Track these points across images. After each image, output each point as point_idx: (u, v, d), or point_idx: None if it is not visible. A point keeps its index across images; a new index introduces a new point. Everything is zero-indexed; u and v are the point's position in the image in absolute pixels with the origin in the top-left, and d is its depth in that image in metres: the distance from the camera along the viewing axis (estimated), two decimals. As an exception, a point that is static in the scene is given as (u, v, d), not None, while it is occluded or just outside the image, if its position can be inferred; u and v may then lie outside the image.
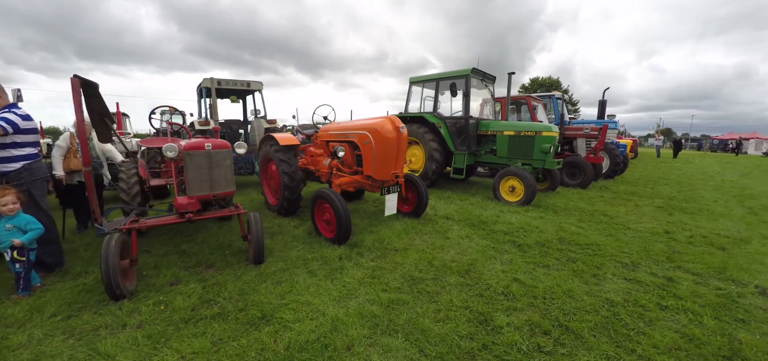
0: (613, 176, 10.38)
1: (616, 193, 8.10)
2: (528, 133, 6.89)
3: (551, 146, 6.60)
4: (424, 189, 5.30)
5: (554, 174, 7.64)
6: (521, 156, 7.04)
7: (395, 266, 3.62)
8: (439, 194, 7.50)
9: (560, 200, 6.96)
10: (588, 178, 8.29)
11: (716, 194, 8.21)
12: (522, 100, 9.58)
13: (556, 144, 6.93)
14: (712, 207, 6.66)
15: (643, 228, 5.04)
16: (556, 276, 3.35)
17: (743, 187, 9.68)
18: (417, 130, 8.17)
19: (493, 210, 5.97)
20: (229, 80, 8.10)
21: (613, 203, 6.81)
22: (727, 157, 28.67)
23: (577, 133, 9.15)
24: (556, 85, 41.45)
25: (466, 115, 7.51)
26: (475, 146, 7.80)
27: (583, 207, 6.36)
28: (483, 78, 7.86)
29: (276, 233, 4.83)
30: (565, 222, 5.29)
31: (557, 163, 6.90)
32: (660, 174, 12.73)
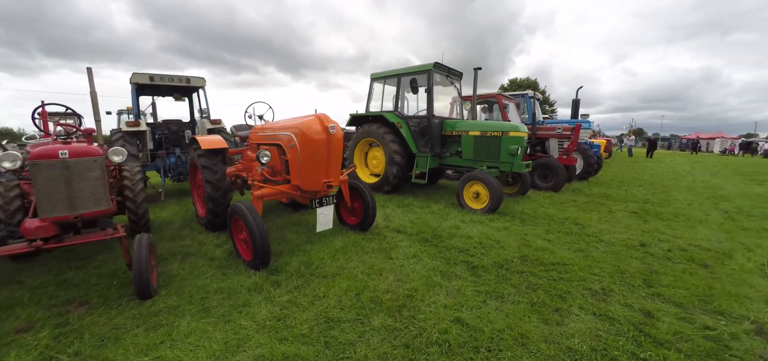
0: (587, 177, 9.94)
1: (589, 196, 7.58)
2: (494, 133, 6.25)
3: (519, 147, 5.98)
4: (371, 198, 4.55)
5: (524, 177, 7.04)
6: (487, 158, 6.40)
7: (313, 301, 2.85)
8: (400, 200, 6.77)
9: (529, 205, 6.35)
10: (560, 180, 7.75)
11: (690, 196, 7.82)
12: (493, 99, 8.98)
13: (525, 145, 6.32)
14: (688, 211, 6.19)
15: (617, 239, 4.44)
16: (511, 312, 2.64)
17: (715, 187, 9.39)
18: (377, 130, 7.42)
19: (454, 220, 5.27)
20: (164, 76, 7.12)
21: (585, 209, 6.24)
22: (695, 157, 29.32)
23: (549, 133, 8.62)
24: (534, 86, 41.69)
25: (429, 114, 6.81)
26: (439, 148, 7.11)
27: (553, 214, 5.75)
28: (448, 74, 7.18)
29: (190, 255, 3.98)
30: (531, 234, 4.64)
31: (526, 166, 6.29)
32: (633, 174, 12.45)
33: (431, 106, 6.80)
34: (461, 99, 7.79)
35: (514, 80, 41.97)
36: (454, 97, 8.74)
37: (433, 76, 6.74)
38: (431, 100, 6.79)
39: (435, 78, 6.99)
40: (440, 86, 7.94)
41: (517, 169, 6.09)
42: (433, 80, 6.76)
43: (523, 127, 6.21)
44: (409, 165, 7.23)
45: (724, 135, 50.54)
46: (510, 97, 9.47)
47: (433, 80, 6.76)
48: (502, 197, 5.62)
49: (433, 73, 6.73)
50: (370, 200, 4.53)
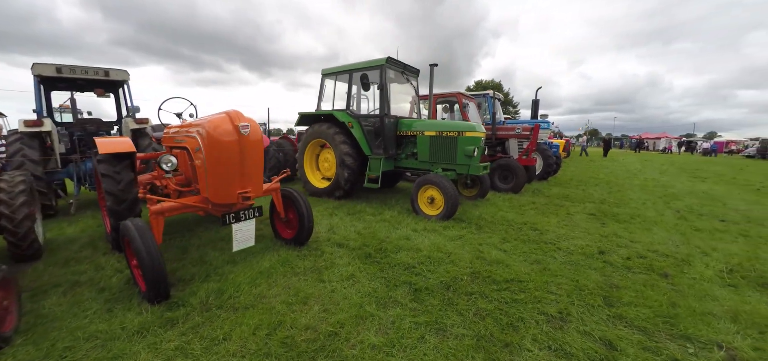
0: (547, 178, 9.87)
1: (548, 197, 7.39)
2: (450, 133, 5.82)
3: (475, 148, 5.58)
4: (307, 208, 3.93)
5: (483, 180, 6.70)
6: (443, 160, 5.96)
7: (210, 347, 2.24)
8: (352, 207, 6.17)
9: (488, 209, 5.99)
10: (520, 182, 7.51)
11: (643, 195, 7.86)
12: (453, 98, 8.62)
13: (482, 146, 5.95)
14: (643, 211, 6.09)
15: (575, 247, 4.11)
16: (452, 350, 2.13)
17: (665, 186, 9.63)
18: (327, 130, 6.79)
19: (405, 229, 4.76)
20: (76, 67, 6.05)
21: (544, 212, 5.97)
22: (643, 155, 31.17)
23: (509, 133, 8.39)
24: (498, 87, 42.72)
25: (383, 113, 6.27)
26: (394, 149, 6.60)
27: (512, 219, 5.40)
28: (403, 70, 6.68)
29: (78, 284, 3.20)
30: (486, 243, 4.21)
31: (484, 169, 5.92)
32: (590, 174, 12.68)
33: (384, 105, 6.27)
34: (418, 97, 7.34)
35: (479, 82, 42.79)
36: (414, 97, 8.30)
37: (386, 72, 6.21)
38: (384, 98, 6.26)
39: (388, 74, 6.47)
40: (396, 84, 7.45)
41: (474, 172, 5.70)
42: (386, 76, 6.24)
43: (479, 127, 5.83)
44: (362, 168, 6.66)
45: (667, 135, 54.66)
46: (471, 96, 9.18)
47: (386, 76, 6.24)
48: (457, 202, 5.19)
49: (385, 68, 6.20)
50: (305, 210, 3.90)
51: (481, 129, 5.85)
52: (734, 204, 7.04)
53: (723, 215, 6.04)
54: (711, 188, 9.39)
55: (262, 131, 9.59)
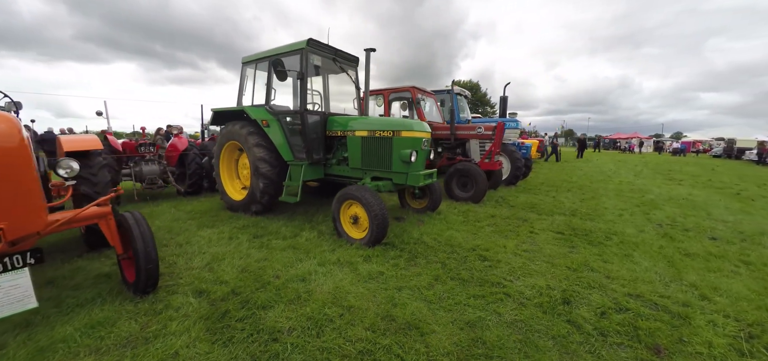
0: (516, 182, 8.78)
1: (513, 208, 6.24)
2: (383, 133, 4.55)
3: (413, 152, 4.33)
4: (146, 241, 2.60)
5: (434, 189, 5.47)
6: (377, 166, 4.69)
7: None
8: (265, 226, 4.84)
9: (435, 227, 4.76)
10: (480, 189, 6.34)
11: (620, 204, 6.84)
12: (407, 93, 7.38)
13: (426, 149, 4.70)
14: (620, 227, 5.01)
15: (532, 290, 2.91)
16: None
17: (641, 191, 8.71)
18: (240, 130, 5.41)
19: (311, 262, 3.49)
20: None
21: (503, 229, 4.79)
22: (618, 156, 31.04)
23: (468, 133, 7.22)
24: (476, 88, 42.10)
25: (302, 108, 4.94)
26: (322, 153, 5.27)
27: (459, 241, 4.19)
28: (335, 57, 5.36)
29: None
30: (410, 286, 2.97)
31: (427, 177, 4.67)
32: (563, 176, 11.74)
33: (304, 98, 4.94)
34: (360, 91, 6.04)
35: (457, 82, 41.99)
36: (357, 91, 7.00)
37: (306, 57, 4.89)
38: (304, 90, 4.93)
39: (312, 61, 5.15)
40: (333, 75, 6.14)
41: (413, 182, 4.44)
42: (307, 64, 4.91)
43: (420, 126, 4.58)
44: (283, 177, 5.30)
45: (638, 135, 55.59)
46: (429, 92, 7.98)
47: (307, 64, 4.91)
48: (386, 222, 3.92)
49: (306, 53, 4.88)
50: (141, 244, 2.55)
51: (423, 128, 4.60)
52: (719, 214, 6.09)
53: (711, 229, 5.02)
54: (690, 192, 8.52)
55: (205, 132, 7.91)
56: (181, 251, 3.93)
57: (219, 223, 5.13)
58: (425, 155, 4.74)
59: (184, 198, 7.02)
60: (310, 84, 6.24)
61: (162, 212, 5.79)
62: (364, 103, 5.59)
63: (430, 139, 4.77)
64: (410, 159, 4.30)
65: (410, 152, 4.31)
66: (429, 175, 4.73)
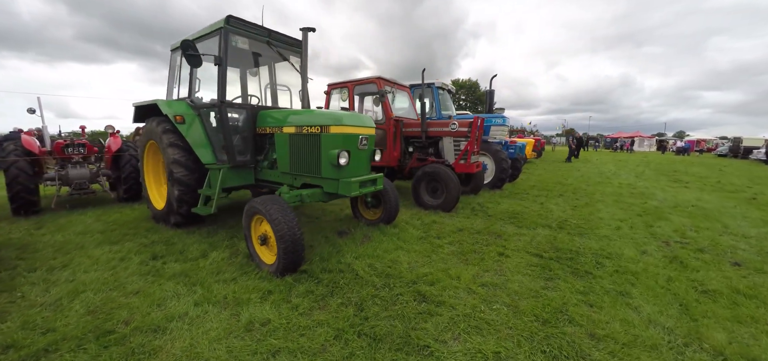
0: (501, 186, 7.69)
1: (489, 218, 5.17)
2: (311, 129, 3.51)
3: (344, 153, 3.29)
4: None
5: (388, 197, 4.42)
6: (306, 169, 3.67)
7: None
8: (179, 241, 3.86)
9: (380, 246, 3.73)
10: (451, 197, 5.28)
11: (618, 212, 5.73)
12: (372, 85, 6.33)
13: (364, 148, 3.62)
14: (616, 246, 3.93)
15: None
16: None
17: (644, 195, 7.57)
18: (156, 128, 4.42)
19: (189, 300, 2.54)
20: None
21: (466, 251, 3.73)
22: (619, 156, 29.67)
23: (441, 130, 6.13)
24: (475, 87, 40.88)
25: (220, 100, 3.92)
26: (249, 155, 4.25)
27: (402, 269, 3.15)
28: (270, 40, 4.34)
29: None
30: (292, 349, 1.95)
31: (368, 185, 3.62)
32: (557, 178, 10.61)
33: (223, 88, 3.92)
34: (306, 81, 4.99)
35: (455, 81, 40.77)
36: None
37: (226, 38, 3.88)
38: (224, 79, 3.91)
39: (238, 44, 4.11)
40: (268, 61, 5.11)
41: (345, 191, 3.39)
42: (227, 46, 3.90)
43: (356, 120, 3.53)
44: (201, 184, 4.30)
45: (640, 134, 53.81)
46: (400, 83, 6.91)
47: (227, 46, 3.90)
48: (297, 245, 2.90)
49: (226, 34, 3.87)
50: None
51: (359, 122, 3.55)
52: (737, 226, 4.97)
53: (731, 249, 3.92)
54: (699, 197, 7.37)
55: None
56: (45, 278, 3.04)
57: (128, 238, 4.17)
58: (366, 157, 3.69)
59: (118, 205, 6.06)
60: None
61: (74, 223, 4.83)
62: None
63: (372, 137, 3.71)
64: (338, 162, 3.26)
65: (338, 153, 3.26)
66: (370, 182, 3.68)
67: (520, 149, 12.86)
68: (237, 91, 5.55)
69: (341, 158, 3.28)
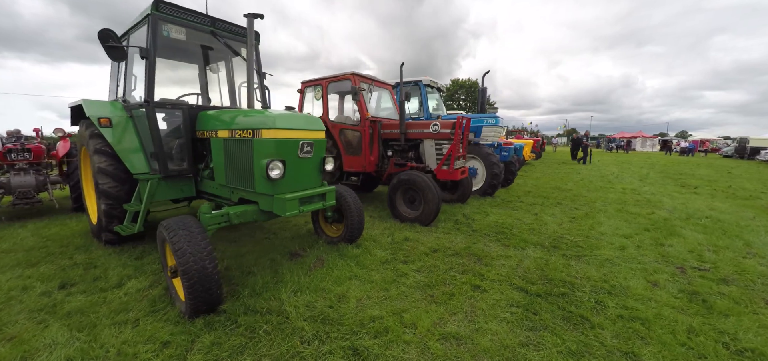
0: (493, 192, 6.94)
1: (473, 234, 4.45)
2: (243, 134, 2.82)
3: (280, 166, 2.60)
4: None
5: (351, 212, 3.70)
6: (240, 181, 2.98)
7: None
8: (104, 263, 3.19)
9: (332, 273, 3.03)
10: (430, 209, 4.56)
11: (622, 225, 4.98)
12: (346, 82, 5.61)
13: (307, 156, 2.89)
14: (622, 276, 3.19)
15: None
16: None
17: (650, 202, 6.79)
18: (84, 132, 3.78)
19: (57, 356, 1.79)
20: None
21: (434, 282, 3.00)
22: (620, 157, 28.68)
23: (421, 132, 5.40)
24: (475, 86, 39.98)
25: (148, 98, 3.24)
26: (186, 163, 3.56)
27: (346, 310, 2.45)
28: (215, 29, 3.65)
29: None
30: None
31: (314, 201, 2.93)
32: (556, 182, 9.83)
33: (151, 85, 3.23)
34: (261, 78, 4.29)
35: (455, 80, 39.92)
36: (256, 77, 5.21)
37: (155, 27, 3.20)
38: (152, 74, 3.23)
39: (170, 33, 3.42)
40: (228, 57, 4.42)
41: (279, 210, 2.70)
42: (156, 36, 3.22)
43: (295, 122, 2.83)
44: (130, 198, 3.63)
45: (643, 134, 52.48)
46: (380, 80, 6.19)
47: (156, 36, 3.22)
48: (208, 280, 2.22)
49: (155, 22, 3.19)
50: None
51: (305, 125, 2.85)
52: (762, 244, 4.19)
53: (762, 279, 3.16)
54: (711, 206, 6.57)
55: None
56: None
57: (51, 258, 3.56)
58: (312, 167, 2.98)
59: (69, 216, 5.42)
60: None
61: (4, 239, 4.21)
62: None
63: (320, 142, 3.01)
64: (267, 173, 2.56)
65: (268, 163, 2.56)
66: (318, 198, 2.97)
67: (518, 151, 12.10)
68: (195, 90, 4.88)
69: (272, 170, 2.58)
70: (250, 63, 3.20)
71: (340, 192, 3.74)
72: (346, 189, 3.80)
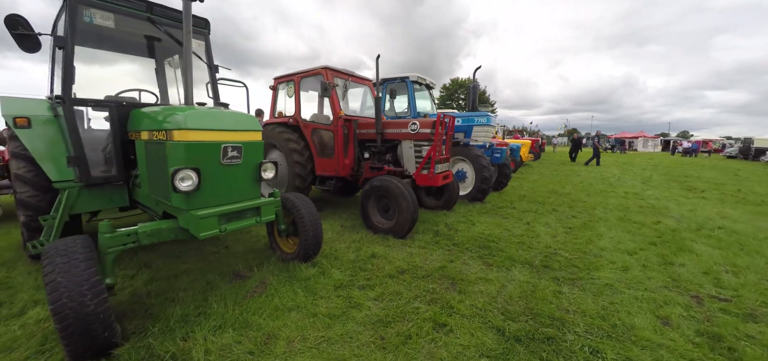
0: (484, 197, 6.33)
1: (453, 248, 3.85)
2: (159, 135, 2.26)
3: (193, 177, 2.04)
4: None
5: (305, 226, 3.12)
6: (161, 193, 2.42)
7: None
8: (17, 285, 2.62)
9: (271, 302, 2.45)
10: (404, 218, 3.97)
11: (625, 237, 4.35)
12: (319, 76, 5.02)
13: (232, 163, 2.32)
14: (625, 312, 2.58)
15: None
16: None
17: (655, 210, 6.15)
18: (5, 134, 3.26)
19: None
20: None
21: (391, 317, 2.41)
22: (621, 157, 27.87)
23: (399, 132, 4.79)
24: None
25: (63, 95, 2.69)
26: (114, 169, 2.99)
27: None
28: (150, 15, 3.08)
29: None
30: None
31: (239, 219, 2.37)
32: (554, 185, 9.19)
33: (69, 78, 2.68)
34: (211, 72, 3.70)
35: (455, 79, 39.14)
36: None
37: (74, 12, 2.65)
38: (69, 67, 2.67)
39: (93, 19, 2.84)
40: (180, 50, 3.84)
41: (194, 229, 2.14)
42: (74, 22, 2.66)
43: (221, 120, 2.26)
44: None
45: (644, 134, 51.46)
46: (359, 76, 5.59)
47: (74, 22, 2.66)
48: (93, 322, 1.66)
49: (71, 5, 2.65)
50: None
51: (229, 124, 2.29)
52: (789, 262, 3.56)
53: (798, 311, 2.54)
54: (723, 213, 5.92)
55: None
56: None
57: None
58: (242, 176, 2.41)
59: (14, 224, 4.89)
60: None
61: None
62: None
63: (252, 145, 2.43)
64: (173, 184, 1.99)
65: (173, 173, 1.99)
66: (250, 213, 2.40)
67: (514, 152, 11.44)
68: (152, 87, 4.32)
69: (181, 182, 2.01)
70: (186, 53, 2.60)
71: (292, 203, 3.16)
72: (300, 199, 3.22)
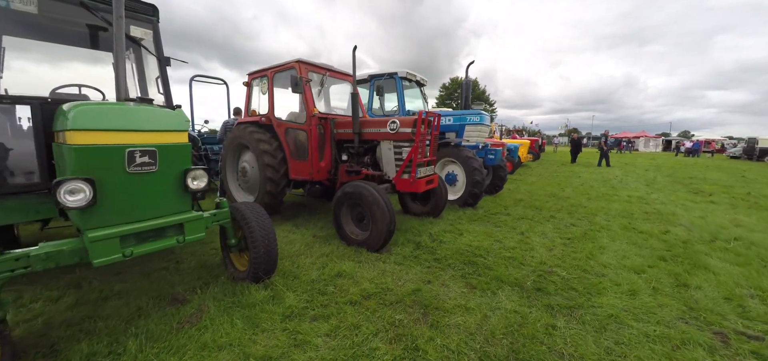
0: (475, 203, 5.82)
1: (433, 264, 3.35)
2: (58, 138, 1.80)
3: (86, 189, 1.57)
4: None
5: (253, 242, 2.63)
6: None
7: None
8: None
9: (209, 333, 1.96)
10: (378, 230, 3.47)
11: (630, 250, 3.83)
12: (291, 69, 4.53)
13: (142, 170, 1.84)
14: (635, 350, 2.07)
15: None
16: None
17: (662, 216, 5.62)
18: None
19: None
20: None
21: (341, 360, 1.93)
22: (622, 157, 27.23)
23: (378, 131, 4.28)
24: (474, 85, 38.66)
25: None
26: (38, 176, 2.50)
27: None
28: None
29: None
30: None
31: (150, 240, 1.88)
32: (553, 188, 8.66)
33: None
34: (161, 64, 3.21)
35: (455, 79, 38.58)
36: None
37: None
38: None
39: (11, 4, 2.38)
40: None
41: (91, 254, 1.66)
42: None
43: (124, 118, 1.78)
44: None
45: (646, 134, 50.67)
46: (338, 71, 5.09)
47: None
48: None
49: None
50: None
51: (135, 123, 1.80)
52: (822, 283, 3.04)
53: None
54: (735, 219, 5.39)
55: None
56: None
57: None
58: (161, 186, 1.92)
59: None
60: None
61: None
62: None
63: (170, 149, 1.95)
64: (56, 200, 1.52)
65: (56, 184, 1.52)
66: (171, 232, 1.92)
67: (512, 152, 10.90)
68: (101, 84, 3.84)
69: (66, 195, 1.53)
70: (117, 41, 2.11)
71: (242, 214, 2.67)
72: (252, 210, 2.73)
